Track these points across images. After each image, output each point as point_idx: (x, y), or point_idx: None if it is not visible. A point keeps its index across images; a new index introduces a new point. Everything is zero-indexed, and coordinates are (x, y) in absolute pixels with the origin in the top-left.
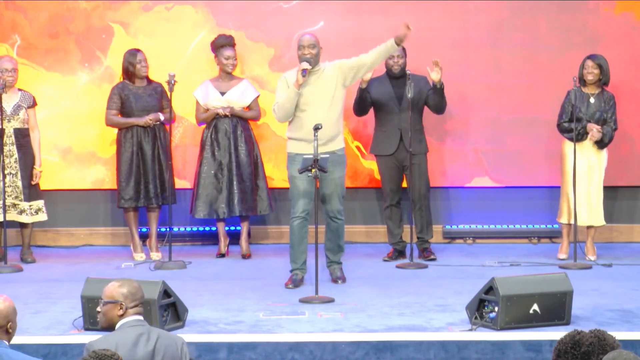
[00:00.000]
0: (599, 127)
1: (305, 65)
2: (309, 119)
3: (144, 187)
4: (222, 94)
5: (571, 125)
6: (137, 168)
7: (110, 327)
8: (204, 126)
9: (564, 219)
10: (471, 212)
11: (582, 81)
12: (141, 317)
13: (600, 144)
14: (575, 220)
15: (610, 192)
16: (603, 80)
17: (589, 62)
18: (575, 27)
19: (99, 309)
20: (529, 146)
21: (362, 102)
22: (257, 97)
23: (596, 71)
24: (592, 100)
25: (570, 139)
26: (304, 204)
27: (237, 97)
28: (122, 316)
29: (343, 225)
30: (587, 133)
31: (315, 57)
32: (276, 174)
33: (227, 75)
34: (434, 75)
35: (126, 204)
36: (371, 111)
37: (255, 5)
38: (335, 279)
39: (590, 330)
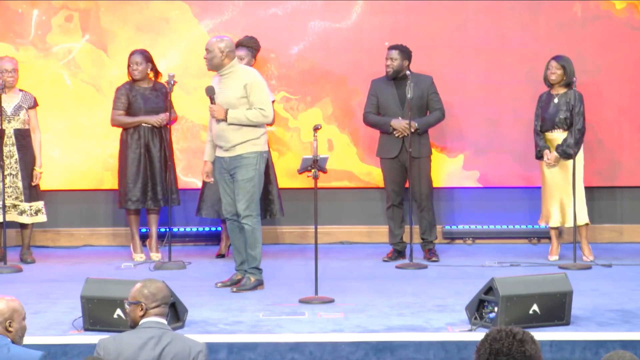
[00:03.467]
0: (550, 155)
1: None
2: (215, 122)
3: (151, 189)
4: None
5: (537, 141)
6: (144, 170)
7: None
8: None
9: (552, 223)
10: (471, 213)
11: (548, 82)
12: (161, 319)
13: (567, 156)
14: (574, 220)
15: (610, 192)
16: (566, 81)
17: (553, 63)
18: (574, 27)
19: (126, 310)
20: (529, 146)
21: None
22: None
23: (559, 72)
24: (555, 100)
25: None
26: (223, 205)
27: None
28: (143, 316)
29: (253, 233)
30: (542, 156)
31: (209, 61)
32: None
33: None
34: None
35: (132, 205)
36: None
37: (247, 8)
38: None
39: (505, 327)
